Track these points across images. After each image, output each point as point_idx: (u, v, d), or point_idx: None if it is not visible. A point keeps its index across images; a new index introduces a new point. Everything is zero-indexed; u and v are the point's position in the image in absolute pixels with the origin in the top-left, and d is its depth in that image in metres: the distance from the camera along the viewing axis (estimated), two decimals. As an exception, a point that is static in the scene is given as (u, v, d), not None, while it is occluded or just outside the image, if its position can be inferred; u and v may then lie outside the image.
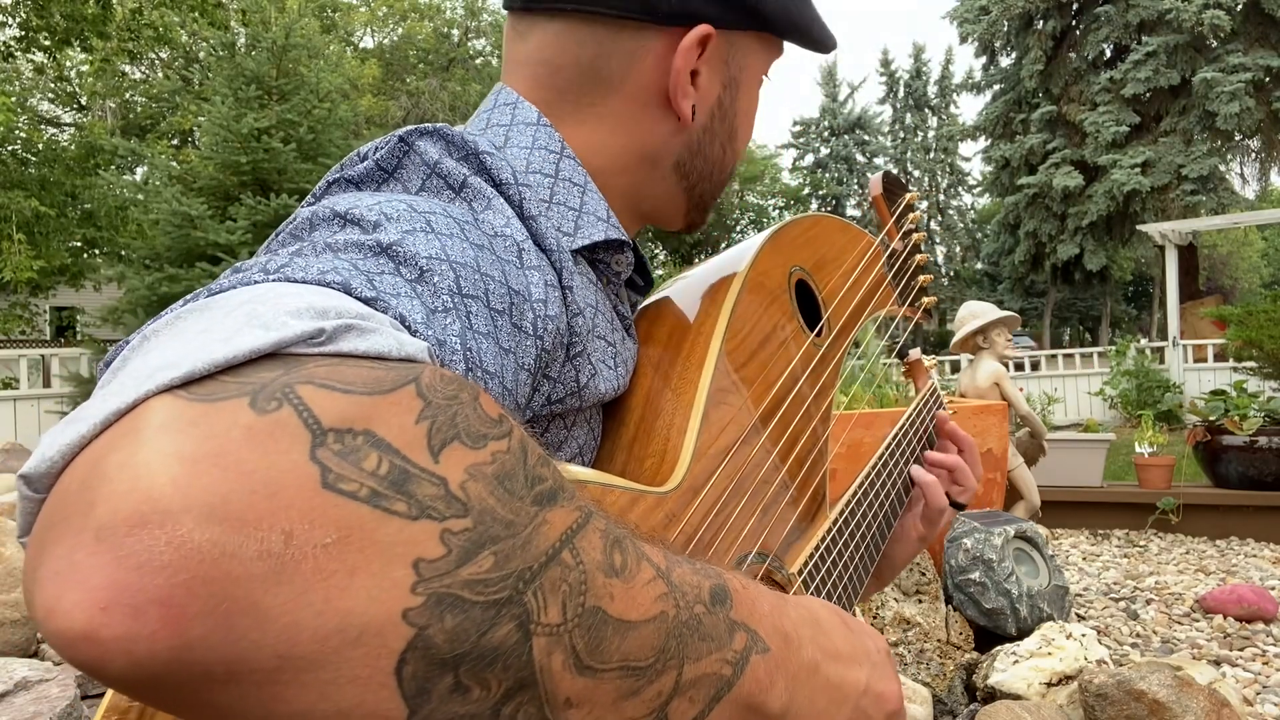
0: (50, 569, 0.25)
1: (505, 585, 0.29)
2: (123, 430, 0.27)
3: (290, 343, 0.30)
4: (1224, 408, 5.07)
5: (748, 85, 0.69)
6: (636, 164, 0.66)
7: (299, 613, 0.26)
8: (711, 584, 0.39)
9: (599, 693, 0.32)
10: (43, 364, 8.24)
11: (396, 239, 0.43)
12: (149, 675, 0.25)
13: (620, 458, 0.60)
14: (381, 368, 0.31)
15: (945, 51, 44.42)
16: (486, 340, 0.45)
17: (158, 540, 0.24)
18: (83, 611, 0.24)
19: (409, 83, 21.36)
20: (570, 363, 0.55)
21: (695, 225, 0.75)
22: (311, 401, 0.28)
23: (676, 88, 0.63)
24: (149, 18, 10.34)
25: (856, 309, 0.87)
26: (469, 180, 0.53)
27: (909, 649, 2.61)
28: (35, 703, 1.92)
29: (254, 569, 0.25)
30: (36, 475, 0.28)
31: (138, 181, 9.94)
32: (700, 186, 0.70)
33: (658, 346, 0.67)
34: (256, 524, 0.25)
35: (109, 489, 0.25)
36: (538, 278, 0.51)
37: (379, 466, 0.28)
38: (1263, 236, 38.28)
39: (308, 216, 0.46)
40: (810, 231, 0.85)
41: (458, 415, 0.31)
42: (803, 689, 0.43)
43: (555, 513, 0.32)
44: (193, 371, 0.28)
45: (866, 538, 0.76)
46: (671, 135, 0.66)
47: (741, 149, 0.71)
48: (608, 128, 0.65)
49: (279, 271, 0.38)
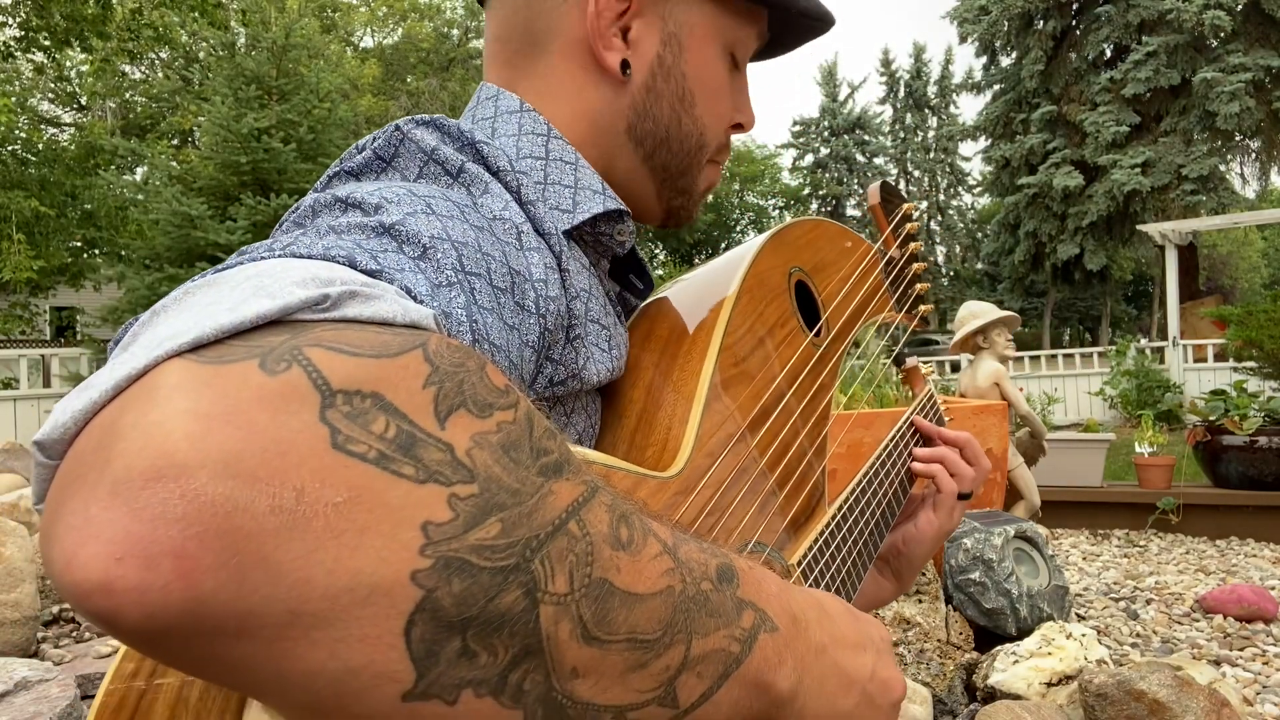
0: (66, 523, 0.26)
1: (512, 552, 0.29)
2: (135, 393, 0.28)
3: (295, 309, 0.31)
4: (1224, 408, 5.07)
5: (696, 46, 0.66)
6: (590, 132, 0.65)
7: (310, 569, 0.26)
8: (718, 562, 0.39)
9: (606, 664, 0.32)
10: (43, 364, 8.24)
11: (398, 219, 0.43)
12: (161, 627, 0.25)
13: (622, 448, 0.60)
14: (388, 333, 0.32)
15: (945, 51, 44.42)
16: (491, 315, 0.45)
17: (172, 493, 0.25)
18: (99, 563, 0.25)
19: (409, 83, 21.37)
20: (570, 345, 0.56)
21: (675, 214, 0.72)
22: (320, 363, 0.28)
23: (596, 37, 0.63)
24: (149, 18, 10.34)
25: (854, 312, 0.88)
26: (466, 166, 0.53)
27: (909, 649, 2.61)
28: (35, 703, 1.92)
29: (266, 523, 0.25)
30: (50, 441, 0.28)
31: (138, 181, 9.94)
32: (660, 156, 0.67)
33: (659, 341, 0.67)
34: (269, 480, 0.26)
35: (123, 445, 0.26)
36: (537, 259, 0.52)
37: (386, 429, 0.28)
38: (1263, 236, 38.29)
39: (310, 204, 0.47)
40: (811, 234, 0.86)
41: (464, 383, 0.31)
42: (811, 670, 0.43)
43: (561, 484, 0.32)
44: (201, 336, 0.29)
45: (865, 534, 0.77)
46: (614, 97, 0.65)
47: (706, 118, 0.68)
48: (551, 93, 0.65)
49: (284, 249, 0.39)
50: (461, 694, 0.29)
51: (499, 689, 0.29)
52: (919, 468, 0.90)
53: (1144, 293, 35.04)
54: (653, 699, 0.34)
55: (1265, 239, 39.17)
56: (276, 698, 0.28)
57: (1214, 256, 31.77)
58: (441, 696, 0.28)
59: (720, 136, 0.70)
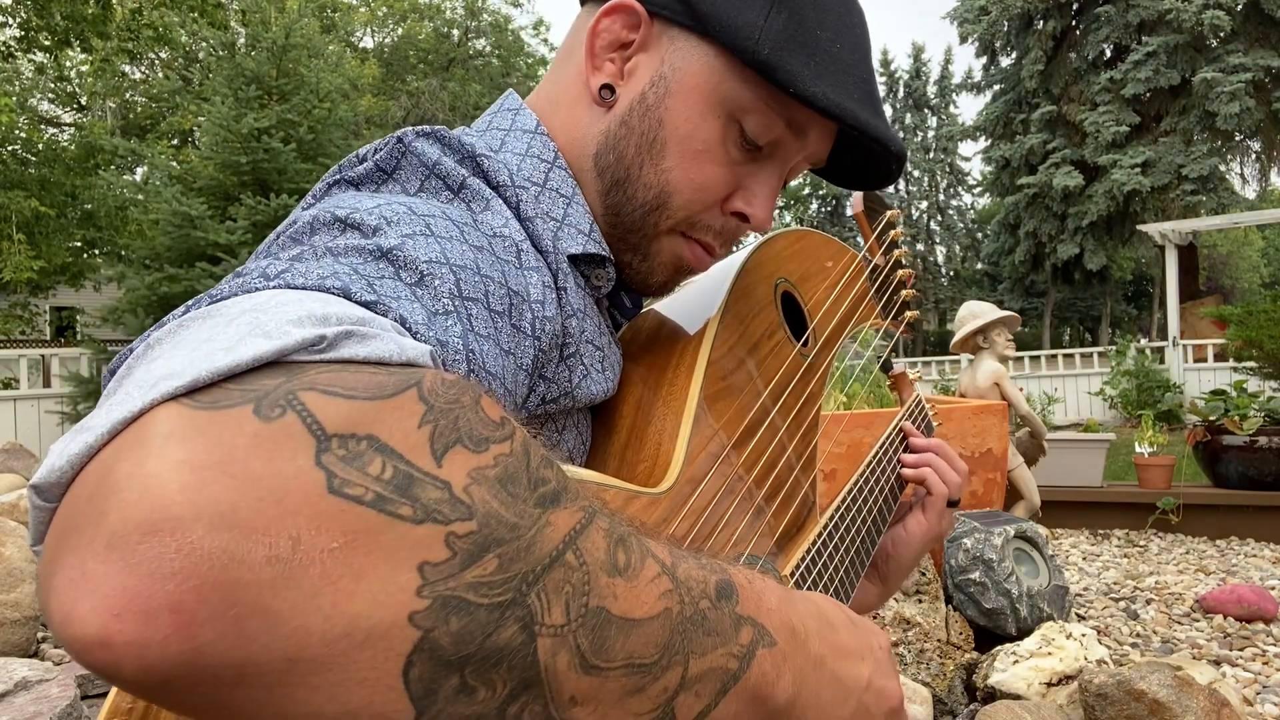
0: (63, 578, 0.26)
1: (509, 587, 0.29)
2: (130, 439, 0.28)
3: (292, 350, 0.31)
4: (1224, 408, 5.07)
5: (683, 95, 0.60)
6: (567, 148, 0.64)
7: (307, 616, 0.26)
8: (718, 579, 0.40)
9: (604, 690, 0.32)
10: (43, 364, 8.25)
11: (396, 243, 0.43)
12: (161, 678, 0.25)
13: (613, 464, 0.60)
14: (383, 373, 0.32)
15: (945, 51, 44.41)
16: (488, 342, 0.45)
17: (168, 547, 0.25)
18: (96, 618, 0.25)
19: (409, 83, 21.37)
20: (564, 363, 0.56)
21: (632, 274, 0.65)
22: (315, 407, 0.29)
23: (589, 55, 0.62)
24: (149, 18, 10.33)
25: (841, 321, 0.89)
26: (468, 181, 0.53)
27: (909, 649, 2.61)
28: (35, 703, 1.92)
29: (262, 574, 0.25)
30: (47, 485, 0.28)
31: (138, 181, 9.94)
32: (614, 196, 0.62)
33: (647, 357, 0.68)
34: (264, 530, 0.26)
35: (119, 498, 0.26)
36: (536, 279, 0.52)
37: (383, 471, 0.28)
38: (1263, 236, 38.27)
39: (309, 220, 0.46)
40: (796, 245, 0.87)
41: (460, 419, 0.31)
42: (808, 682, 0.43)
43: (558, 514, 0.32)
44: (196, 380, 0.29)
45: (856, 542, 0.77)
46: (594, 119, 0.63)
47: (674, 175, 0.61)
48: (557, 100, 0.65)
49: (279, 277, 0.39)
50: None
51: None
52: (909, 473, 0.89)
53: (1144, 293, 35.04)
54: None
55: (1265, 239, 39.15)
56: None
57: (1214, 256, 31.76)
58: None
59: (695, 207, 0.63)
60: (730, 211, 0.65)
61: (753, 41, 0.58)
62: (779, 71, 0.58)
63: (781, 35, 0.58)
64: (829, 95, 0.59)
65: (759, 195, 0.65)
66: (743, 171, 0.64)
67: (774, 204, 0.67)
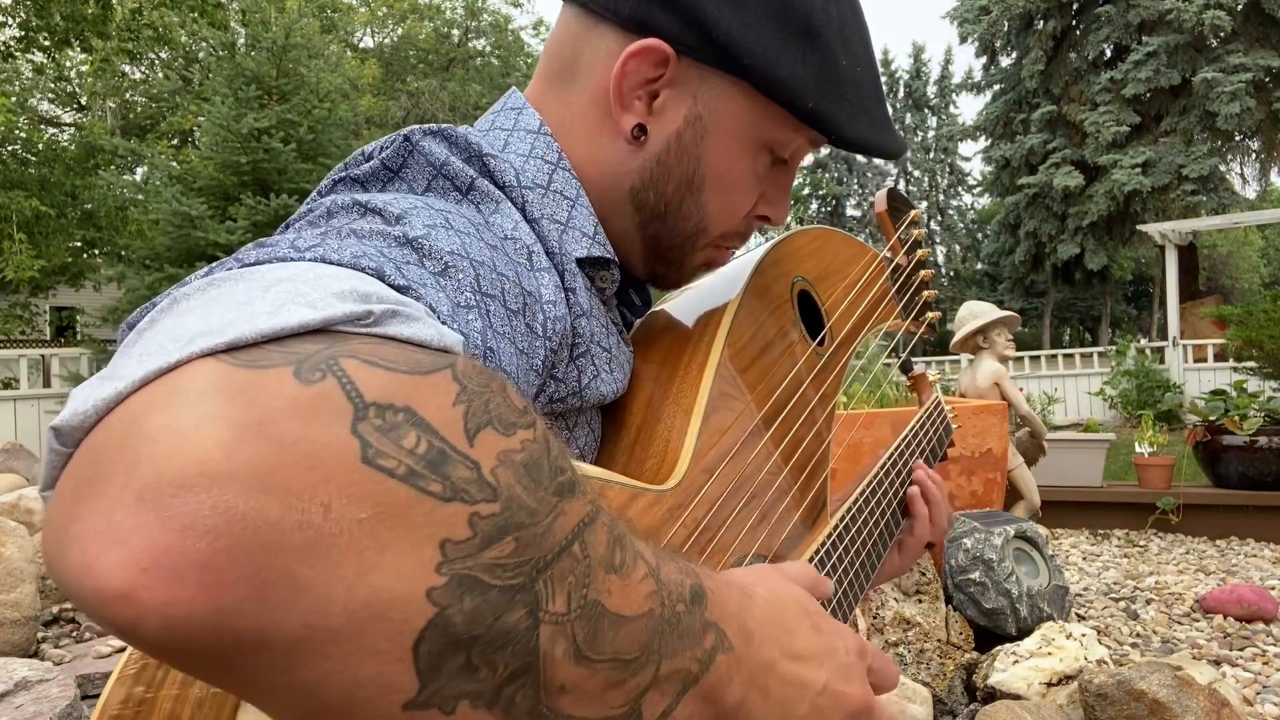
0: (87, 526, 0.25)
1: (521, 571, 0.30)
2: (164, 391, 0.27)
3: (338, 322, 0.31)
4: (1224, 408, 5.06)
5: (721, 135, 0.62)
6: (596, 181, 0.63)
7: (331, 585, 0.26)
8: (691, 583, 0.40)
9: (590, 682, 0.33)
10: (43, 364, 8.25)
11: (421, 233, 0.43)
12: (180, 639, 0.25)
13: (621, 460, 0.60)
14: (421, 351, 0.32)
15: (945, 51, 44.41)
16: (504, 340, 0.46)
17: (203, 504, 0.24)
18: (122, 571, 0.24)
19: (409, 83, 21.37)
20: (574, 363, 0.56)
21: (660, 279, 0.70)
22: (355, 375, 0.28)
23: (616, 95, 0.61)
24: (149, 18, 10.33)
25: (859, 321, 0.88)
26: (476, 183, 0.53)
27: (909, 649, 2.61)
28: (35, 703, 1.92)
29: (293, 539, 0.25)
30: (68, 429, 0.28)
31: (138, 181, 9.93)
32: (653, 228, 0.65)
33: (659, 354, 0.67)
34: (299, 495, 0.26)
35: (153, 449, 0.25)
36: (547, 279, 0.52)
37: (417, 445, 0.28)
38: (1263, 236, 38.27)
39: (326, 205, 0.47)
40: (814, 244, 0.86)
41: (490, 402, 0.32)
42: (757, 684, 0.43)
43: (572, 504, 0.33)
44: (239, 339, 0.29)
45: (868, 544, 0.76)
46: (625, 156, 0.63)
47: (711, 206, 0.64)
48: (572, 127, 0.64)
49: (311, 250, 0.39)
50: (459, 705, 0.29)
51: (493, 701, 0.30)
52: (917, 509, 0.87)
53: (1144, 293, 35.03)
54: (621, 714, 0.35)
55: (1265, 239, 39.14)
56: (281, 705, 0.28)
57: (1214, 256, 31.75)
58: (440, 707, 0.29)
59: (729, 225, 0.67)
60: (754, 217, 0.69)
61: (798, 95, 0.60)
62: (825, 123, 0.62)
63: (819, 81, 0.61)
64: (864, 135, 0.64)
65: (778, 199, 0.69)
66: (765, 182, 0.68)
67: (790, 199, 0.72)
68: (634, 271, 0.69)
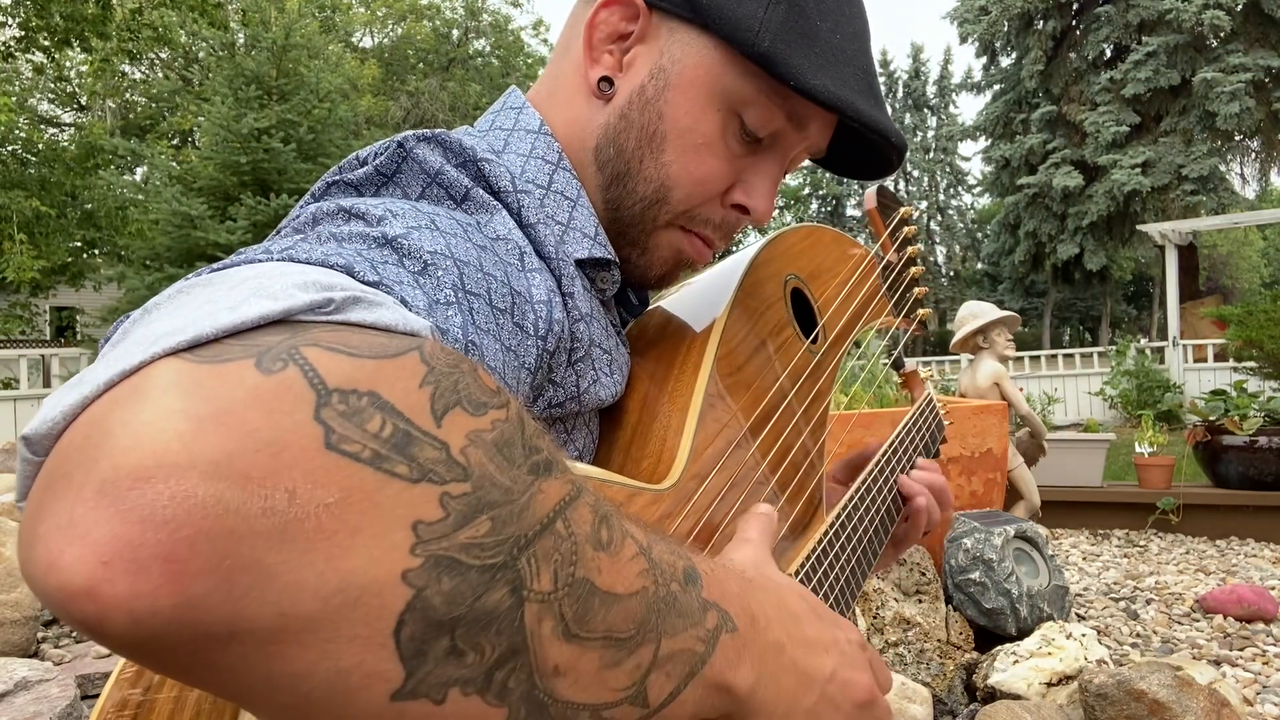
0: (50, 524, 0.25)
1: (500, 550, 0.29)
2: (127, 390, 0.27)
3: (298, 311, 0.31)
4: (1224, 408, 5.07)
5: (684, 88, 0.60)
6: (568, 142, 0.63)
7: (301, 571, 0.26)
8: (684, 564, 0.40)
9: (584, 661, 0.33)
10: (43, 364, 8.24)
11: (401, 233, 0.43)
12: (148, 633, 0.25)
13: (618, 460, 0.60)
14: (385, 336, 0.32)
15: (944, 51, 44.41)
16: (488, 337, 0.45)
17: (161, 495, 0.24)
18: (84, 565, 0.24)
19: (409, 83, 21.36)
20: (572, 367, 0.56)
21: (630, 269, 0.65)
22: (317, 362, 0.28)
23: (587, 48, 0.61)
24: (149, 18, 10.32)
25: (852, 318, 0.88)
26: (471, 192, 0.53)
27: (909, 649, 2.61)
28: (35, 703, 1.92)
29: (257, 526, 0.25)
30: (37, 437, 0.28)
31: (138, 181, 9.94)
32: (614, 190, 0.62)
33: (654, 353, 0.67)
34: (260, 482, 0.25)
35: (111, 444, 0.25)
36: (539, 280, 0.52)
37: (382, 428, 0.28)
38: (1263, 236, 38.28)
39: (312, 213, 0.47)
40: (806, 241, 0.86)
41: (459, 382, 0.31)
42: (768, 669, 0.43)
43: (550, 483, 0.33)
44: (199, 336, 0.28)
45: (863, 542, 0.76)
46: (593, 112, 0.62)
47: (674, 168, 0.61)
48: (555, 94, 0.64)
49: (283, 253, 0.39)
50: (449, 693, 0.29)
51: (485, 687, 0.30)
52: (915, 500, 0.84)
53: (1144, 293, 35.03)
54: (625, 698, 0.35)
55: (1265, 239, 39.15)
56: (264, 701, 0.28)
57: (1214, 256, 31.76)
58: (429, 695, 0.28)
59: (695, 199, 0.63)
60: (730, 204, 0.65)
61: (752, 34, 0.57)
62: (779, 64, 0.57)
63: (781, 27, 0.58)
64: (829, 88, 0.59)
65: (759, 188, 0.65)
66: (743, 164, 0.64)
67: (774, 196, 0.66)
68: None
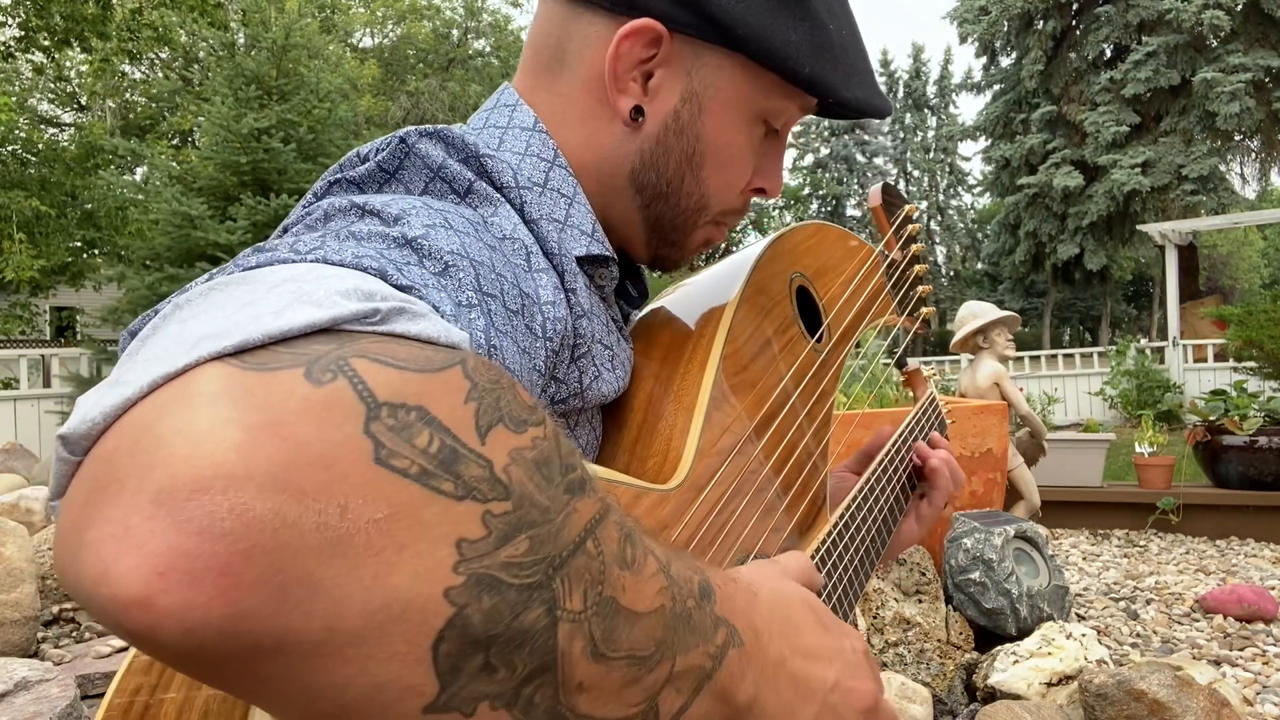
0: (101, 532, 0.25)
1: (538, 570, 0.30)
2: (174, 395, 0.27)
3: (345, 320, 0.31)
4: (1224, 408, 5.07)
5: (718, 110, 0.62)
6: (595, 168, 0.63)
7: (349, 586, 0.26)
8: (699, 579, 0.40)
9: (608, 679, 0.33)
10: (43, 364, 8.24)
11: (420, 233, 0.43)
12: (198, 644, 0.25)
13: (623, 458, 0.60)
14: (431, 349, 0.32)
15: (945, 51, 44.43)
16: (507, 339, 0.45)
17: (219, 507, 0.24)
18: (140, 576, 0.24)
19: (409, 83, 21.37)
20: (575, 364, 0.56)
21: (662, 261, 0.69)
22: (366, 375, 0.28)
23: (611, 79, 0.61)
24: (149, 18, 10.32)
25: (856, 316, 0.88)
26: (474, 186, 0.53)
27: (909, 649, 2.61)
28: (35, 703, 1.92)
29: (311, 540, 0.25)
30: (76, 437, 0.27)
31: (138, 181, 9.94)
32: (655, 208, 0.65)
33: (659, 351, 0.67)
34: (315, 496, 0.25)
35: (166, 453, 0.25)
36: (545, 280, 0.52)
37: (430, 444, 0.28)
38: (1263, 236, 38.28)
39: (324, 209, 0.46)
40: (812, 239, 0.86)
41: (501, 399, 0.32)
42: (768, 682, 0.43)
43: (583, 502, 0.33)
44: (246, 341, 0.28)
45: (866, 541, 0.76)
46: (623, 139, 0.63)
47: (712, 181, 0.65)
48: (565, 117, 0.64)
49: (313, 252, 0.38)
50: (479, 706, 0.29)
51: (513, 702, 0.30)
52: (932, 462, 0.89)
53: (1144, 293, 35.03)
54: (638, 713, 0.35)
55: (1265, 239, 39.15)
56: (300, 710, 0.28)
57: (1214, 256, 31.76)
58: (460, 709, 0.29)
59: (729, 201, 0.67)
60: (751, 189, 0.69)
61: (794, 62, 0.60)
62: (819, 86, 0.62)
63: (812, 47, 0.61)
64: (858, 97, 0.64)
65: (772, 170, 0.69)
66: (760, 153, 0.68)
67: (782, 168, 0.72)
68: (636, 256, 0.69)
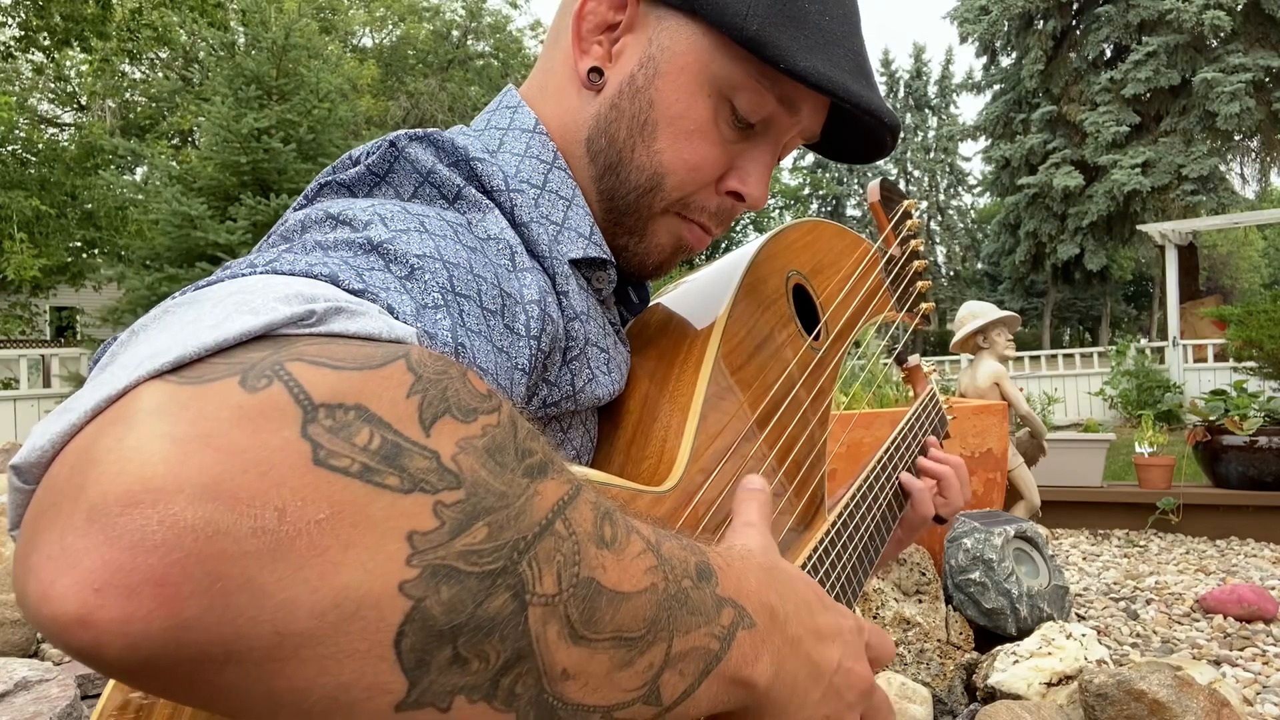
0: (41, 554, 0.25)
1: (499, 555, 0.29)
2: (112, 416, 0.27)
3: (280, 325, 0.31)
4: (1224, 408, 5.06)
5: (674, 75, 0.60)
6: (559, 135, 0.63)
7: (295, 589, 0.25)
8: (697, 560, 0.40)
9: (594, 663, 0.32)
10: (43, 364, 8.25)
11: (388, 238, 0.43)
12: (145, 658, 0.25)
13: (618, 460, 0.60)
14: (371, 346, 0.31)
15: (945, 51, 44.42)
16: (479, 338, 0.45)
17: (150, 519, 0.24)
18: (76, 594, 0.24)
19: (408, 83, 21.37)
20: (567, 366, 0.56)
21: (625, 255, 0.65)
22: (302, 378, 0.28)
23: (575, 39, 0.61)
24: (149, 18, 10.33)
25: (855, 313, 0.87)
26: (463, 191, 0.53)
27: (909, 649, 2.61)
28: (35, 703, 1.92)
29: (248, 546, 0.25)
30: (27, 465, 0.28)
31: (138, 181, 9.93)
32: (607, 181, 0.62)
33: (655, 351, 0.67)
34: (249, 501, 0.25)
35: (99, 471, 0.25)
36: (530, 280, 0.51)
37: (370, 441, 0.28)
38: (1263, 236, 38.26)
39: (300, 219, 0.47)
40: (808, 236, 0.86)
41: (448, 389, 0.31)
42: (785, 664, 0.43)
43: (546, 484, 0.32)
44: (182, 356, 0.28)
45: (864, 540, 0.76)
46: (583, 104, 0.62)
47: (666, 155, 0.61)
48: (545, 88, 0.64)
49: (267, 265, 0.39)
50: (454, 700, 0.29)
51: (491, 694, 0.29)
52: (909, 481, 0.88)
53: (1144, 293, 35.02)
54: (638, 698, 0.34)
55: (1265, 239, 39.14)
56: (268, 718, 0.28)
57: (1214, 256, 31.75)
58: (435, 704, 0.28)
59: (690, 188, 0.63)
60: (725, 191, 0.65)
61: (741, 18, 0.57)
62: (768, 47, 0.57)
63: (769, 10, 0.57)
64: (819, 69, 0.58)
65: (753, 174, 0.64)
66: (736, 150, 0.63)
67: (769, 181, 0.67)
68: None
